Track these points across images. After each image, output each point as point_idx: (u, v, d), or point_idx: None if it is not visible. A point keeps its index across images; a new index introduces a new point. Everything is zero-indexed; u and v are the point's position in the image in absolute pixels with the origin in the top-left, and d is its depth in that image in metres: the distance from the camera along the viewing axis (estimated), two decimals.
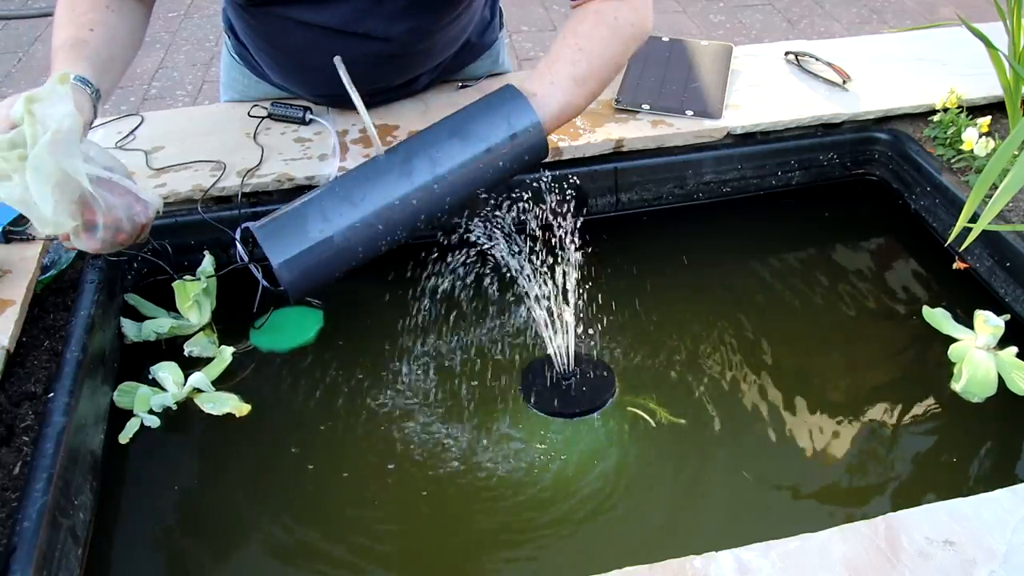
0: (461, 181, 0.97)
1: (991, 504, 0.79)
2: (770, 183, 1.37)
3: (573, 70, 1.04)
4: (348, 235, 0.93)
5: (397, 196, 0.94)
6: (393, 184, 0.94)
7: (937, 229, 1.26)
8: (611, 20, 1.07)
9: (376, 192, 0.94)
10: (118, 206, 0.95)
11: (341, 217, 0.93)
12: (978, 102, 1.36)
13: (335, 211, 0.93)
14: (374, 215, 0.93)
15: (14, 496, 0.82)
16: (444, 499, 0.93)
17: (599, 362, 1.08)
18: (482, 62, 1.42)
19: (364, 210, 0.93)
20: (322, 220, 0.92)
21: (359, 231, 0.93)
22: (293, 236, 0.92)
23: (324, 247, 0.92)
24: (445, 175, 0.96)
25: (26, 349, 0.99)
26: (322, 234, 0.92)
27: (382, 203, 0.94)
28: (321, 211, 0.92)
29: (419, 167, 0.95)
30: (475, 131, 0.97)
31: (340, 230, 0.93)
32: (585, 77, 1.05)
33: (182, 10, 4.10)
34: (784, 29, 3.86)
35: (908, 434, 0.99)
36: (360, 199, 0.93)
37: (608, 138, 1.27)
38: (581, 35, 1.06)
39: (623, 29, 1.07)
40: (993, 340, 1.05)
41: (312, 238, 0.92)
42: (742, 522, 0.90)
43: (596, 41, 1.06)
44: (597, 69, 1.07)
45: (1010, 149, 0.85)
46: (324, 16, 1.10)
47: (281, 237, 0.92)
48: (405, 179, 0.94)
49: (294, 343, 1.12)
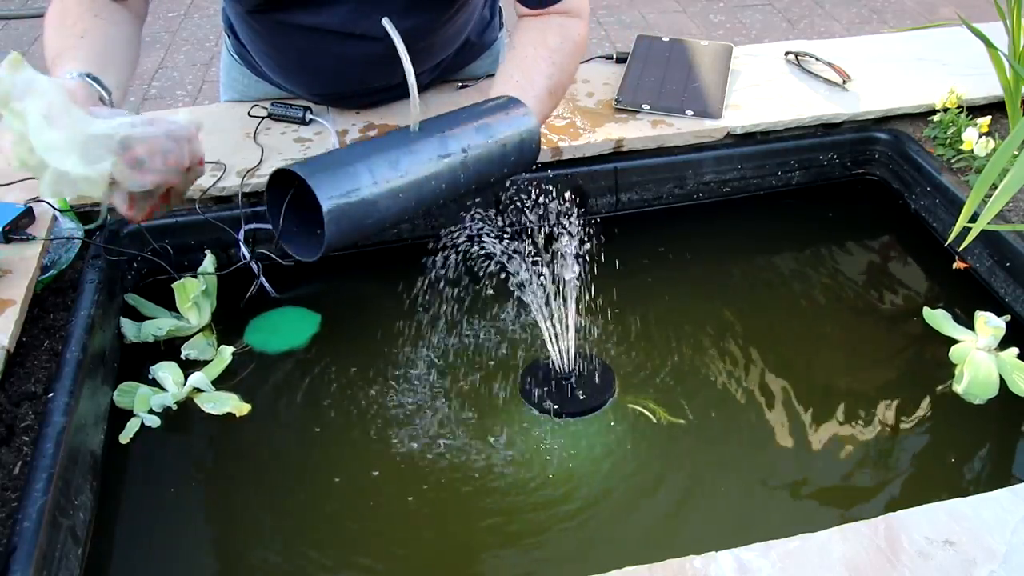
0: (478, 173, 0.98)
1: (991, 504, 0.79)
2: (770, 183, 1.37)
3: (548, 83, 1.08)
4: (390, 202, 0.91)
5: (432, 174, 0.94)
6: (431, 162, 0.94)
7: (937, 229, 1.26)
8: (575, 36, 1.12)
9: (416, 166, 0.93)
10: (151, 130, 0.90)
11: (388, 183, 0.91)
12: (978, 102, 1.36)
13: (383, 175, 0.91)
14: (413, 187, 0.93)
15: (14, 496, 0.82)
16: (443, 499, 0.93)
17: (599, 362, 1.08)
18: (482, 61, 1.42)
19: (407, 180, 0.92)
20: (371, 180, 0.90)
21: (399, 200, 0.92)
22: (344, 187, 0.88)
23: (369, 207, 0.90)
24: (470, 164, 0.97)
25: (26, 349, 0.99)
26: (371, 194, 0.90)
27: (420, 177, 0.93)
28: (370, 171, 0.90)
29: (453, 150, 0.96)
30: (495, 130, 0.99)
31: (385, 194, 0.91)
32: (555, 90, 1.10)
33: (182, 10, 4.10)
34: (784, 29, 3.86)
35: (908, 434, 0.99)
36: (404, 169, 0.92)
37: (608, 138, 1.27)
38: (552, 49, 1.09)
39: (581, 47, 1.13)
40: (994, 341, 1.05)
41: (362, 195, 0.89)
42: (742, 522, 0.90)
43: (566, 55, 1.10)
44: (564, 83, 1.11)
45: (1010, 149, 0.85)
46: (322, 18, 1.10)
47: (332, 184, 0.88)
48: (441, 159, 0.95)
49: (284, 346, 1.11)
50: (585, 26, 1.14)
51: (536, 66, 1.08)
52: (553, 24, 1.10)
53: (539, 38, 1.09)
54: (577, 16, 1.13)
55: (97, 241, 1.12)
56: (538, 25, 1.10)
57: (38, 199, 1.14)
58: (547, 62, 1.08)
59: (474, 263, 1.06)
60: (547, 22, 1.11)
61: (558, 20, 1.11)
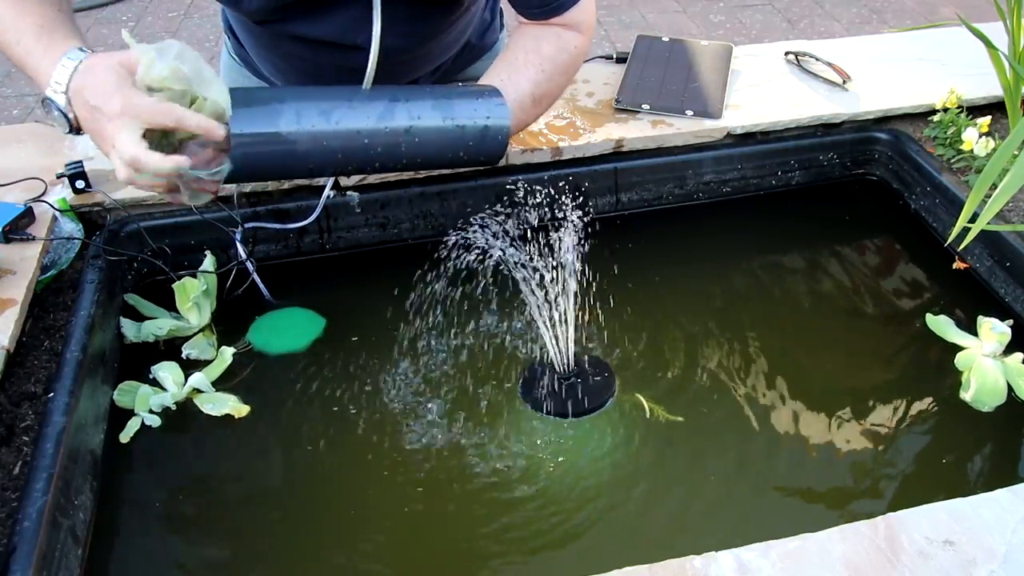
0: (424, 147, 0.98)
1: (991, 504, 0.79)
2: (770, 183, 1.37)
3: (534, 90, 1.07)
4: (310, 146, 0.92)
5: (367, 132, 0.94)
6: (370, 120, 0.94)
7: (937, 229, 1.26)
8: (572, 48, 1.10)
9: (351, 119, 0.94)
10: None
11: (313, 127, 0.92)
12: (978, 102, 1.36)
13: (308, 118, 0.92)
14: (341, 138, 0.93)
15: (14, 496, 0.82)
16: (443, 500, 0.93)
17: (599, 362, 1.08)
18: (482, 63, 1.42)
19: (334, 129, 0.93)
20: (295, 119, 0.91)
21: (320, 147, 0.93)
22: (262, 117, 0.90)
23: (284, 144, 0.91)
24: (415, 135, 0.97)
25: (26, 349, 0.99)
26: (288, 132, 0.91)
27: (352, 131, 0.94)
28: (296, 111, 0.92)
29: (399, 116, 0.96)
30: (456, 109, 0.99)
31: (305, 136, 0.92)
32: (541, 99, 1.09)
33: (182, 10, 4.10)
34: (784, 29, 3.86)
35: (907, 434, 0.99)
36: (335, 119, 0.93)
37: (608, 138, 1.27)
38: (545, 57, 1.08)
39: (577, 60, 1.11)
40: (1000, 347, 1.04)
41: (278, 129, 0.90)
42: (742, 522, 0.90)
43: (558, 66, 1.09)
44: (551, 93, 1.10)
45: (1010, 149, 0.85)
46: (321, 29, 1.10)
47: (252, 111, 0.90)
48: (381, 121, 0.95)
49: (285, 348, 1.11)
50: (586, 41, 1.11)
51: (524, 70, 1.07)
52: (550, 34, 1.10)
53: (533, 44, 1.09)
54: (577, 30, 1.11)
55: (97, 241, 1.12)
56: (535, 32, 1.10)
57: (38, 199, 1.15)
58: (536, 68, 1.07)
59: (474, 264, 1.06)
60: (545, 31, 1.10)
61: (556, 31, 1.10)
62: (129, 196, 1.17)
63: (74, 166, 1.15)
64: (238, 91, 0.90)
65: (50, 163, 1.21)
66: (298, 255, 1.24)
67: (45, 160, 1.23)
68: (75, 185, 1.15)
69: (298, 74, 1.26)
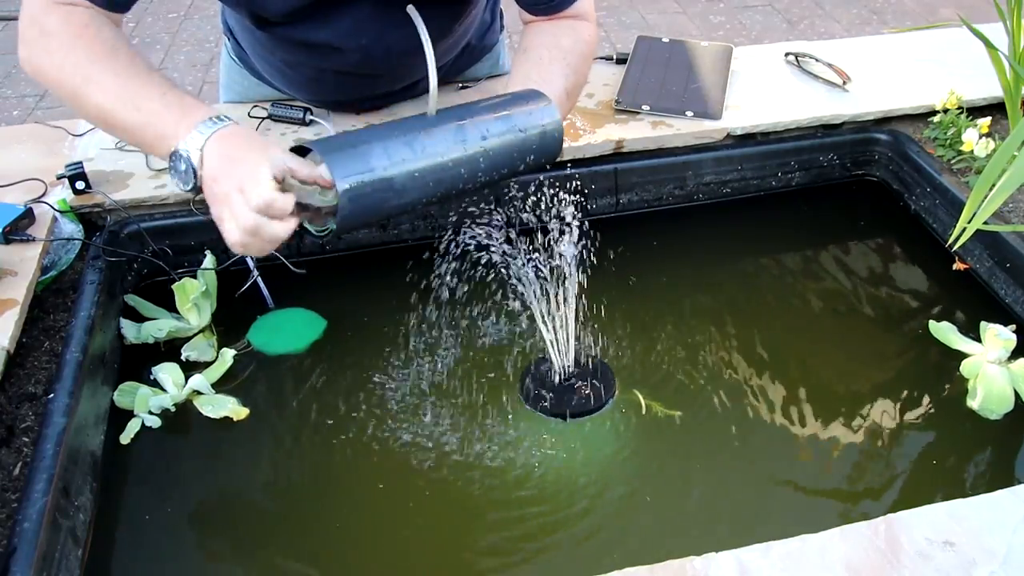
0: (499, 161, 0.97)
1: (991, 504, 0.79)
2: (770, 184, 1.37)
3: (566, 84, 1.08)
4: (406, 181, 0.91)
5: (451, 157, 0.93)
6: (450, 144, 0.93)
7: (937, 230, 1.26)
8: (587, 37, 1.11)
9: (434, 148, 0.93)
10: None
11: (404, 161, 0.90)
12: (978, 103, 1.36)
13: (398, 153, 0.90)
14: (430, 169, 0.92)
15: (14, 497, 0.82)
16: (444, 501, 0.93)
17: (599, 363, 1.08)
18: (482, 64, 1.42)
19: (423, 161, 0.92)
20: (386, 157, 0.89)
21: (415, 179, 0.91)
22: (357, 163, 0.88)
23: (383, 184, 0.89)
24: (490, 151, 0.96)
25: (26, 350, 0.99)
26: (385, 171, 0.89)
27: (437, 160, 0.93)
28: (385, 149, 0.90)
29: (471, 136, 0.95)
30: (515, 119, 0.98)
31: (401, 173, 0.90)
32: (572, 91, 1.09)
33: (182, 11, 4.10)
34: (784, 30, 3.86)
35: (907, 434, 0.99)
36: (420, 150, 0.92)
37: (608, 139, 1.27)
38: (566, 51, 1.09)
39: (593, 48, 1.13)
40: (1005, 354, 1.04)
41: (375, 171, 0.88)
42: (742, 522, 0.90)
43: (578, 57, 1.10)
44: (579, 84, 1.11)
45: (1010, 150, 0.85)
46: (323, 34, 1.10)
47: (346, 160, 0.87)
48: (459, 144, 0.94)
49: (284, 349, 1.11)
50: (594, 29, 1.13)
51: (552, 67, 1.07)
52: (564, 27, 1.10)
53: (552, 41, 1.09)
54: (585, 19, 1.13)
55: (97, 242, 1.13)
56: (550, 29, 1.10)
57: (38, 200, 1.15)
58: (562, 63, 1.08)
59: (474, 264, 1.06)
60: (558, 25, 1.11)
61: (568, 23, 1.11)
62: (129, 197, 1.17)
63: (74, 167, 1.15)
64: (319, 143, 0.88)
65: (50, 164, 1.21)
66: (299, 255, 1.24)
67: (45, 161, 1.23)
68: (75, 186, 1.15)
69: (300, 80, 1.26)
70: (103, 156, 1.25)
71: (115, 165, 1.23)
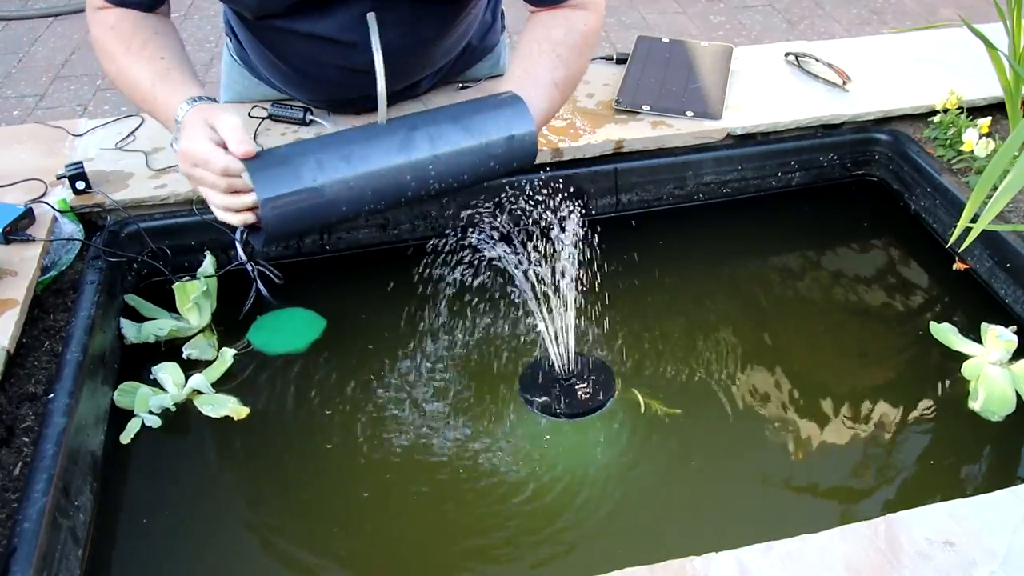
0: (453, 168, 0.97)
1: (991, 504, 0.79)
2: (770, 184, 1.37)
3: (553, 76, 1.07)
4: (338, 190, 0.92)
5: (393, 166, 0.94)
6: (392, 153, 0.94)
7: (937, 230, 1.26)
8: (582, 27, 1.10)
9: (374, 156, 0.93)
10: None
11: (336, 171, 0.92)
12: (978, 103, 1.36)
13: (332, 164, 0.92)
14: (367, 178, 0.93)
15: (14, 497, 0.82)
16: (444, 501, 0.93)
17: (599, 363, 1.08)
18: (483, 64, 1.42)
19: (359, 170, 0.93)
20: (317, 168, 0.91)
21: (349, 190, 0.93)
22: (285, 176, 0.90)
23: (312, 195, 0.91)
24: (441, 158, 0.96)
25: (26, 350, 0.99)
26: (314, 182, 0.91)
27: (377, 168, 0.93)
28: (318, 160, 0.92)
29: (420, 144, 0.95)
30: (477, 125, 0.98)
31: (332, 183, 0.92)
32: (562, 83, 1.08)
33: (182, 11, 4.10)
34: (784, 30, 3.86)
35: (907, 434, 0.99)
36: (358, 159, 0.93)
37: (608, 139, 1.27)
38: (556, 41, 1.08)
39: (590, 36, 1.11)
40: (1007, 355, 1.04)
41: (304, 182, 0.90)
42: (742, 522, 0.90)
43: (570, 47, 1.09)
44: (572, 75, 1.10)
45: (1011, 150, 0.85)
46: (321, 27, 1.10)
47: (273, 174, 0.90)
48: (404, 152, 0.94)
49: (284, 348, 1.11)
50: (596, 18, 1.12)
51: (540, 59, 1.07)
52: (559, 18, 1.10)
53: (544, 33, 1.09)
54: (585, 8, 1.11)
55: (97, 242, 1.12)
56: (545, 21, 1.10)
57: (39, 200, 1.15)
58: (550, 55, 1.07)
59: (474, 265, 1.06)
60: (553, 17, 1.10)
61: (564, 14, 1.10)
62: (129, 197, 1.17)
63: (74, 167, 1.15)
64: (252, 162, 0.90)
65: (50, 164, 1.21)
66: (298, 255, 1.24)
67: (45, 161, 1.23)
68: (75, 186, 1.15)
69: (299, 77, 1.26)
70: (103, 156, 1.25)
71: (115, 165, 1.23)
